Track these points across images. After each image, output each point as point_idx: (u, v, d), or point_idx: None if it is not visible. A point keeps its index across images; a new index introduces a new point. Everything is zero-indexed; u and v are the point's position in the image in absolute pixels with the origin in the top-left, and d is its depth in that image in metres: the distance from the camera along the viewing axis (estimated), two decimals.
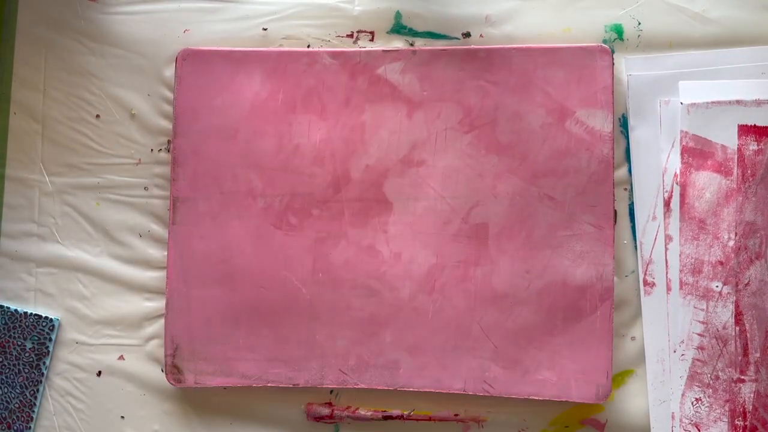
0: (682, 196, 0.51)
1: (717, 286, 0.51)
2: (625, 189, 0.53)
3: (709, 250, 0.51)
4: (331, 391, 0.54)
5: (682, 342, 0.51)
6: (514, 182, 0.52)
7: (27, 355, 0.54)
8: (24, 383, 0.54)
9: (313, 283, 0.52)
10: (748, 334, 0.50)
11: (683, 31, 0.53)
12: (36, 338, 0.54)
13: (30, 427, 0.54)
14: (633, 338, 0.52)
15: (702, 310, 0.51)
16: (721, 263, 0.51)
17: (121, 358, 0.54)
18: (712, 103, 0.51)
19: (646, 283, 0.52)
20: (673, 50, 0.53)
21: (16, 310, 0.54)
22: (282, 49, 0.54)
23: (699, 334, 0.51)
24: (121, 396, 0.54)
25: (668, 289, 0.52)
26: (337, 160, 0.53)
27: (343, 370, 0.52)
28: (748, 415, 0.50)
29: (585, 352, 0.51)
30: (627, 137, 0.53)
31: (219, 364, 0.53)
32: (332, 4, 0.55)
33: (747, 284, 0.51)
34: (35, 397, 0.54)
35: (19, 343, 0.54)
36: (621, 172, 0.53)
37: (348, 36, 0.55)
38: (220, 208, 0.53)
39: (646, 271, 0.52)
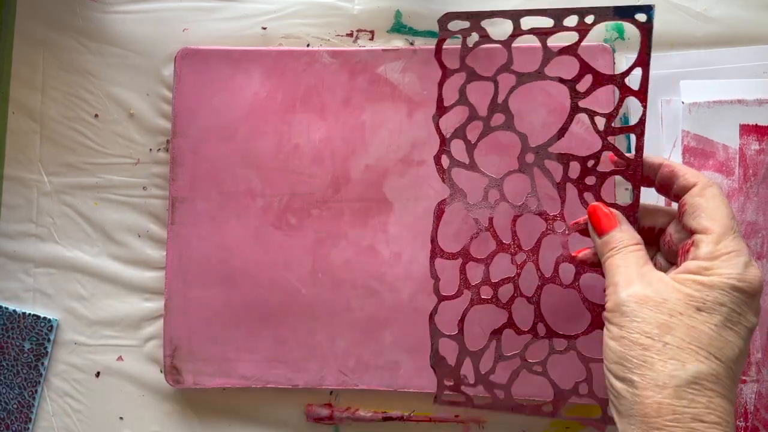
0: None
1: None
2: (626, 189, 0.52)
3: None
4: (331, 392, 0.53)
5: None
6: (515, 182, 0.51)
7: (25, 355, 0.54)
8: (22, 384, 0.54)
9: (312, 284, 0.52)
10: None
11: (685, 30, 0.53)
12: (34, 339, 0.54)
13: (28, 428, 0.54)
14: None
15: None
16: None
17: (120, 358, 0.54)
18: (714, 102, 0.51)
19: None
20: (674, 49, 0.53)
21: (14, 311, 0.54)
22: (281, 48, 0.54)
23: None
24: (120, 397, 0.54)
25: None
26: (336, 160, 0.52)
27: (342, 370, 0.52)
28: (749, 415, 0.50)
29: (585, 352, 0.50)
30: (627, 137, 0.52)
31: (218, 364, 0.52)
32: (332, 3, 0.54)
33: None
34: (33, 398, 0.54)
35: (18, 343, 0.54)
36: None
37: (348, 35, 0.54)
38: (219, 208, 0.53)
39: None
